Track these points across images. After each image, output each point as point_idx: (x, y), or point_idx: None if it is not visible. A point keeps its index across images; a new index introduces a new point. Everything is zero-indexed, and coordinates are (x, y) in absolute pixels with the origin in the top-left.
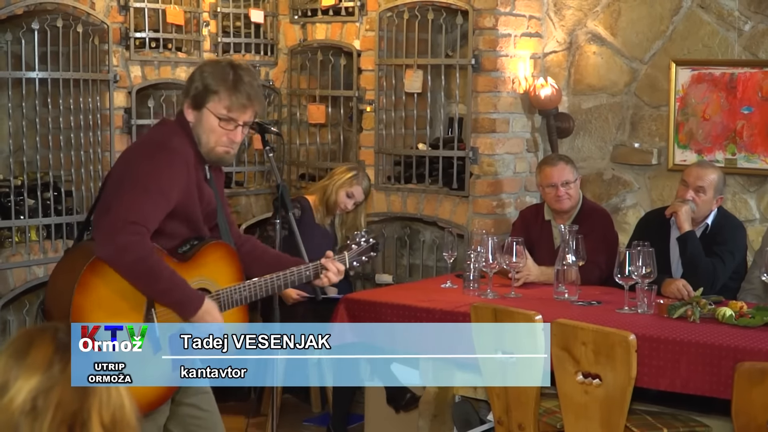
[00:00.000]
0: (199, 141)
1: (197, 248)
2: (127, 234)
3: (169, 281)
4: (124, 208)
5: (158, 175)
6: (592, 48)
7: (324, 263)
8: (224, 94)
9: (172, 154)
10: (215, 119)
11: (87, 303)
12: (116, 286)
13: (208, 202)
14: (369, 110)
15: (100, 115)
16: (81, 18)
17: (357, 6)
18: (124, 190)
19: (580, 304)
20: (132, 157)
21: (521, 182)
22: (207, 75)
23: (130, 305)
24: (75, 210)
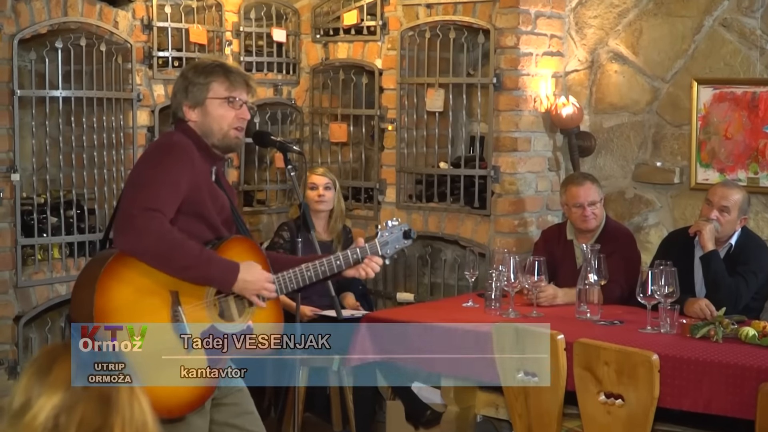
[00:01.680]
0: (211, 132)
1: (220, 244)
2: (144, 218)
3: (198, 256)
4: (137, 196)
5: (164, 167)
6: (613, 67)
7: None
8: (220, 78)
9: (173, 147)
10: (221, 102)
11: (109, 307)
12: (137, 287)
13: (221, 206)
14: (390, 129)
15: (123, 134)
16: (104, 37)
17: (379, 25)
18: (135, 188)
19: (603, 324)
20: (137, 166)
21: (543, 201)
22: (195, 74)
23: (155, 305)
24: (98, 228)
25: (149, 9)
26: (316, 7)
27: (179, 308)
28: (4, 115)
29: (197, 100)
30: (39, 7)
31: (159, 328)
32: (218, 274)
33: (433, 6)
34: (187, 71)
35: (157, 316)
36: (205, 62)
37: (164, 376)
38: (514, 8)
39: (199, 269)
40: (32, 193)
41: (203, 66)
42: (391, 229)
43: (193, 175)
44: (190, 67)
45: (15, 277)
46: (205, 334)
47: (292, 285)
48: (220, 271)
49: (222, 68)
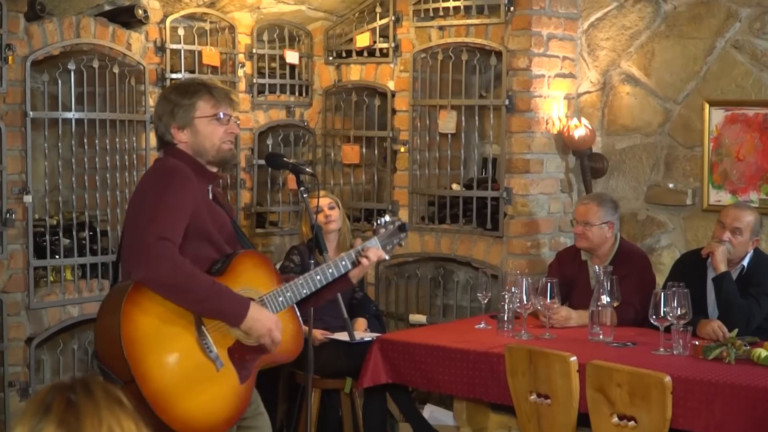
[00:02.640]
0: (203, 150)
1: (229, 262)
2: (156, 248)
3: (211, 289)
4: (146, 228)
5: (169, 194)
6: (625, 88)
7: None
8: (205, 96)
9: (172, 172)
10: (209, 120)
11: (137, 336)
12: (160, 312)
13: (222, 224)
14: (403, 151)
15: (136, 156)
16: (117, 59)
17: (391, 47)
18: (141, 217)
19: (615, 346)
20: (140, 193)
21: (555, 222)
22: (178, 95)
23: (180, 327)
24: (110, 250)
25: (162, 31)
26: (329, 29)
27: (203, 329)
28: (16, 137)
29: (185, 121)
30: (52, 29)
31: (187, 352)
32: (230, 308)
33: (445, 28)
34: (169, 93)
35: (183, 339)
36: (186, 82)
37: (199, 399)
38: (527, 30)
39: (211, 302)
40: (45, 214)
41: (185, 86)
42: (387, 226)
43: (195, 198)
44: (171, 88)
45: (27, 299)
46: (232, 350)
47: (304, 290)
48: (231, 306)
49: (204, 86)
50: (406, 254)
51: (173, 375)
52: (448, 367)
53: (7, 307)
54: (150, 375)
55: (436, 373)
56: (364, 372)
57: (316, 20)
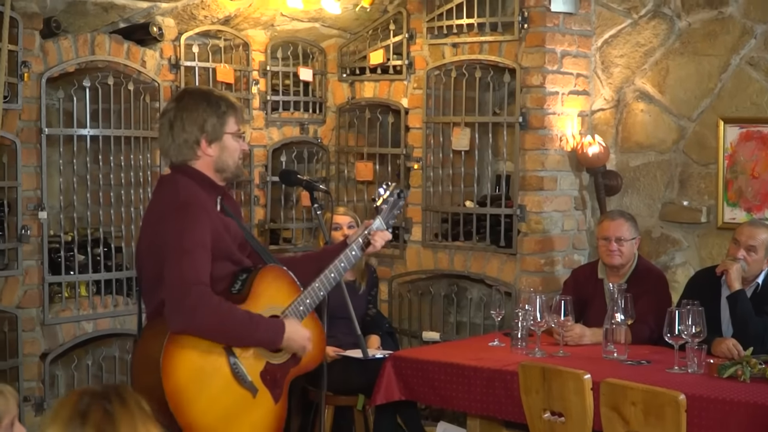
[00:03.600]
0: (226, 167)
1: (249, 282)
2: (191, 296)
3: (248, 323)
4: (177, 274)
5: (189, 232)
6: (640, 106)
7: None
8: (232, 112)
9: (187, 206)
10: (235, 137)
11: (178, 387)
12: (195, 357)
13: (234, 234)
14: (416, 168)
15: (151, 172)
16: (132, 76)
17: (405, 64)
18: (168, 260)
19: (630, 364)
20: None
21: (569, 240)
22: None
23: (215, 366)
24: (125, 266)
25: (177, 48)
26: (343, 47)
27: (234, 359)
28: (32, 153)
29: (217, 135)
30: (67, 46)
31: (226, 389)
32: (266, 337)
33: (459, 45)
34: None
35: (220, 377)
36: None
37: (243, 429)
38: (540, 47)
39: (249, 337)
40: (59, 230)
41: (216, 100)
42: (388, 200)
43: (210, 223)
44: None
45: (42, 315)
46: (264, 373)
47: (321, 292)
48: (268, 334)
49: (232, 104)
50: (419, 271)
51: (217, 418)
52: (462, 384)
53: (22, 323)
54: (196, 424)
55: (450, 390)
56: (377, 389)
57: (330, 37)
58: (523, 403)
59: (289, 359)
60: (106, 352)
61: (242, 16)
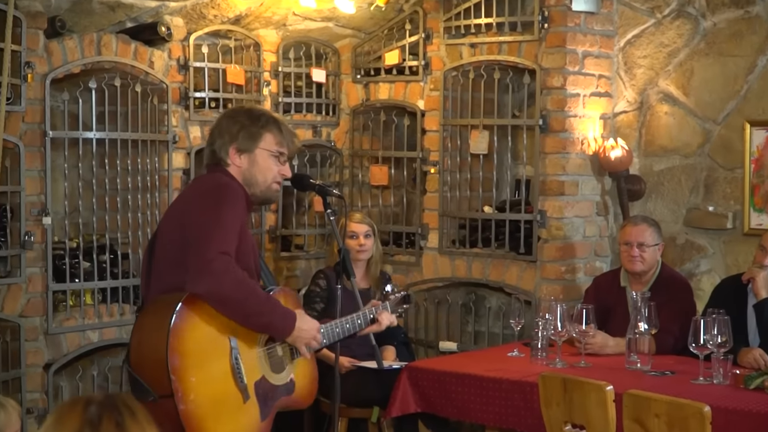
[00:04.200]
0: (254, 182)
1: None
2: (219, 263)
3: (267, 303)
4: (209, 240)
5: (227, 210)
6: (663, 108)
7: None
8: (275, 131)
9: (228, 188)
10: (270, 156)
11: (183, 351)
12: (206, 331)
13: (252, 249)
14: (433, 172)
15: (159, 177)
16: (139, 77)
17: (421, 65)
18: (200, 228)
19: (653, 375)
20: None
21: (591, 247)
22: (249, 119)
23: (220, 351)
24: (131, 273)
25: (185, 49)
26: (357, 47)
27: (238, 356)
28: (36, 157)
29: (247, 147)
30: (72, 46)
31: (223, 377)
32: (279, 322)
33: (477, 45)
34: (238, 114)
35: (221, 363)
36: (258, 110)
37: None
38: (561, 48)
39: (266, 316)
40: (64, 237)
41: (258, 114)
42: (394, 294)
43: (243, 220)
44: (242, 110)
45: (46, 324)
46: (258, 384)
47: (324, 340)
48: (281, 319)
49: (275, 121)
50: (436, 279)
51: (207, 398)
52: (480, 396)
53: (26, 332)
54: (189, 393)
55: (468, 402)
56: (392, 401)
57: (344, 37)
58: (544, 416)
59: (283, 386)
60: (112, 363)
61: (253, 16)
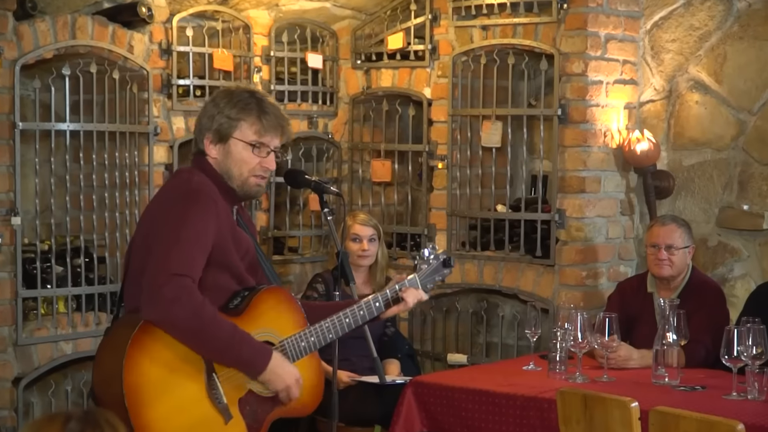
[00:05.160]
0: (229, 175)
1: (250, 298)
2: (173, 287)
3: (231, 337)
4: (163, 261)
5: (190, 221)
6: (694, 97)
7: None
8: (252, 118)
9: (197, 194)
10: (246, 147)
11: (140, 382)
12: (168, 357)
13: (246, 250)
14: (441, 167)
15: (138, 172)
16: (117, 63)
17: (428, 49)
18: (158, 244)
19: (682, 390)
20: (156, 210)
21: (615, 249)
22: (225, 104)
23: (188, 375)
24: (109, 279)
25: (168, 31)
26: (357, 29)
27: (214, 375)
28: (4, 151)
29: (221, 136)
30: (44, 29)
31: (194, 403)
32: (248, 360)
33: (489, 28)
34: (219, 97)
35: (191, 388)
36: (242, 92)
37: None
38: (582, 30)
39: (230, 353)
40: (35, 239)
41: (238, 97)
42: (429, 260)
43: (218, 223)
44: (225, 93)
45: (15, 334)
46: (243, 401)
47: (330, 335)
48: (250, 357)
49: (258, 106)
50: (444, 285)
51: (177, 429)
52: (492, 413)
53: None
54: (152, 427)
55: (478, 420)
56: (396, 419)
57: (343, 19)
58: None
59: (275, 396)
60: (87, 377)
61: None
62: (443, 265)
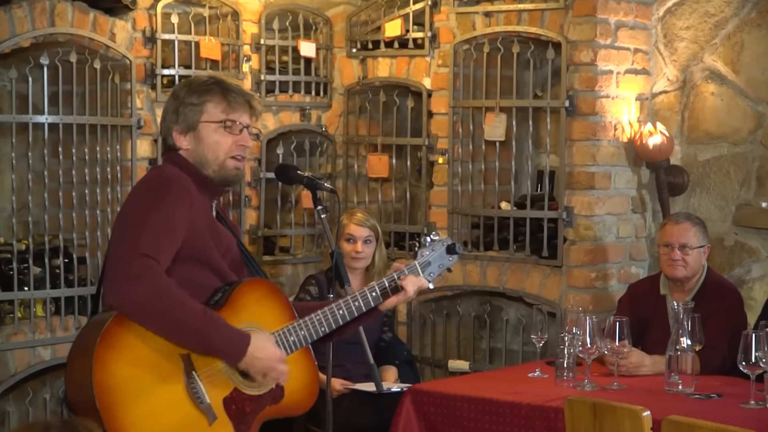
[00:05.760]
0: (206, 162)
1: (230, 291)
2: (136, 266)
3: (201, 319)
4: (128, 244)
5: (159, 207)
6: (709, 87)
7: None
8: (217, 98)
9: (167, 183)
10: (217, 128)
11: (112, 383)
12: (141, 354)
13: (227, 246)
14: (441, 162)
15: (121, 168)
16: (99, 52)
17: (427, 37)
18: (125, 231)
19: (697, 398)
20: (126, 205)
21: (626, 249)
22: (186, 94)
23: (165, 374)
24: (89, 280)
25: (152, 19)
26: (352, 16)
27: (194, 374)
28: None
29: (189, 124)
30: (21, 15)
31: (174, 403)
32: (223, 345)
33: (492, 14)
34: (178, 90)
35: (169, 387)
36: (199, 79)
37: None
38: (591, 17)
39: (201, 335)
40: (11, 238)
41: (197, 83)
42: (432, 246)
43: (192, 214)
44: (182, 84)
45: None
46: (229, 400)
47: (323, 328)
48: (226, 341)
49: (219, 86)
50: (444, 287)
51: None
52: (496, 423)
53: None
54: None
55: (481, 431)
56: (393, 429)
57: (337, 5)
58: None
59: (266, 393)
60: None
61: None
62: (447, 251)
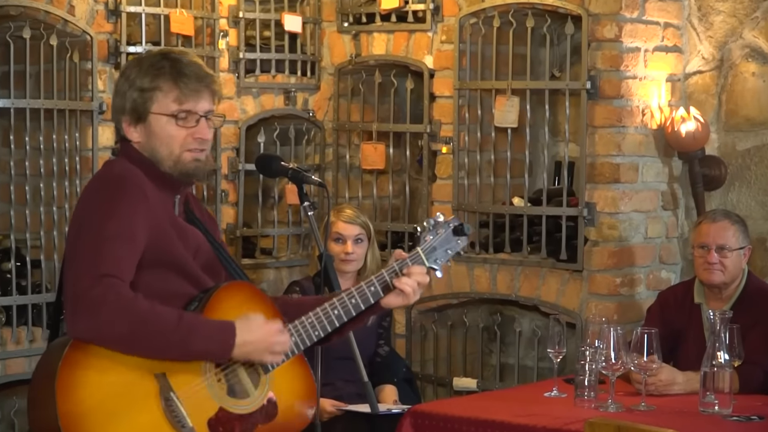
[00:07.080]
0: (159, 158)
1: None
2: (97, 292)
3: (177, 327)
4: (84, 267)
5: (111, 215)
6: (750, 67)
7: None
8: (168, 85)
9: (117, 184)
10: (169, 120)
11: (78, 412)
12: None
13: (196, 246)
14: (445, 151)
15: (80, 158)
16: (55, 27)
17: (429, 9)
18: (79, 249)
19: (735, 420)
20: (77, 214)
21: (655, 251)
22: (136, 75)
23: (139, 397)
24: (45, 287)
25: None
26: None
27: (172, 395)
28: None
29: (138, 114)
30: None
31: (151, 428)
32: (209, 344)
33: None
34: (129, 68)
35: (144, 411)
36: (153, 56)
37: None
38: None
39: (184, 345)
40: None
41: (149, 62)
42: (436, 229)
43: (150, 214)
44: (134, 61)
45: None
46: (214, 422)
47: (316, 332)
48: (210, 340)
49: (173, 68)
50: (448, 294)
51: None
52: None
53: None
54: None
55: None
56: None
57: None
58: None
59: (257, 411)
60: (19, 405)
61: None
62: (454, 233)
